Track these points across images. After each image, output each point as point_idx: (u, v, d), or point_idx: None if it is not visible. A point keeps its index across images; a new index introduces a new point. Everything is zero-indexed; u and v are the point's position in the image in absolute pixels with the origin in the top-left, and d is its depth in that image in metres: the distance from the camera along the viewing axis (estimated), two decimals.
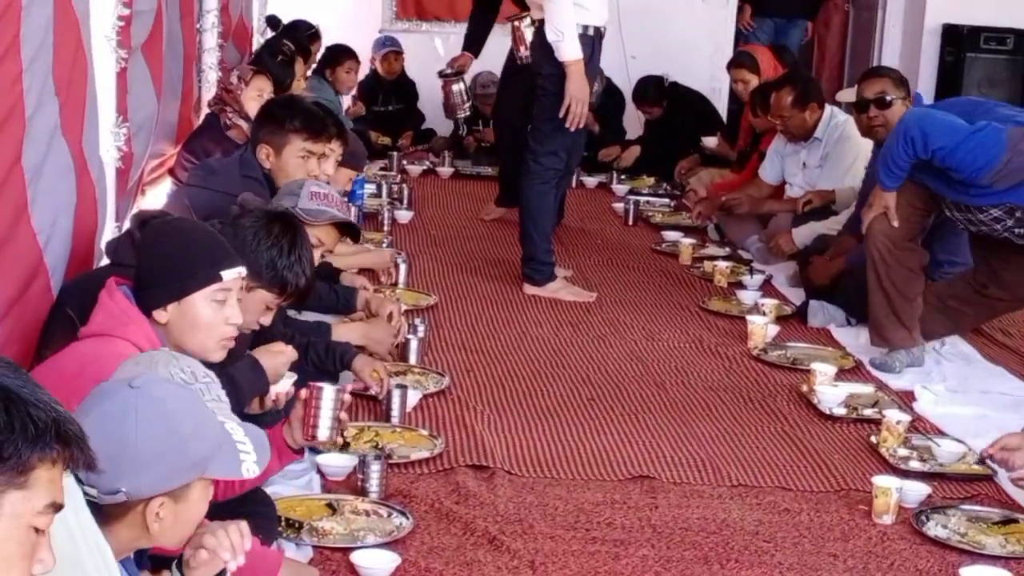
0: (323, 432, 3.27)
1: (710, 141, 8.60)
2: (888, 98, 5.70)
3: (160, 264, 3.01)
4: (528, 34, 6.36)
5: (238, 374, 3.49)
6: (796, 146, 6.97)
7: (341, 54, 9.01)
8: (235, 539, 2.47)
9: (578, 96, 5.97)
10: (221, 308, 3.01)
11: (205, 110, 6.76)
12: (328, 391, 3.26)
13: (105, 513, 2.20)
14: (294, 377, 3.75)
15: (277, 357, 3.70)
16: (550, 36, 5.94)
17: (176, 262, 3.01)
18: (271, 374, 3.64)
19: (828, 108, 6.92)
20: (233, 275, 3.05)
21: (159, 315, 2.97)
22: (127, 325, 2.90)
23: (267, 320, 3.63)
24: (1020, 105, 9.75)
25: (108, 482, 2.20)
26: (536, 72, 6.20)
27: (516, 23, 6.49)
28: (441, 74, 7.64)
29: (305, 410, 3.25)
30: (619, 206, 8.14)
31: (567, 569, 3.53)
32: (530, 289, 6.31)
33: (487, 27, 7.72)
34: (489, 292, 6.31)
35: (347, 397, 3.32)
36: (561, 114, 5.99)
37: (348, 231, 4.48)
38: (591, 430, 4.57)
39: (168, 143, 6.28)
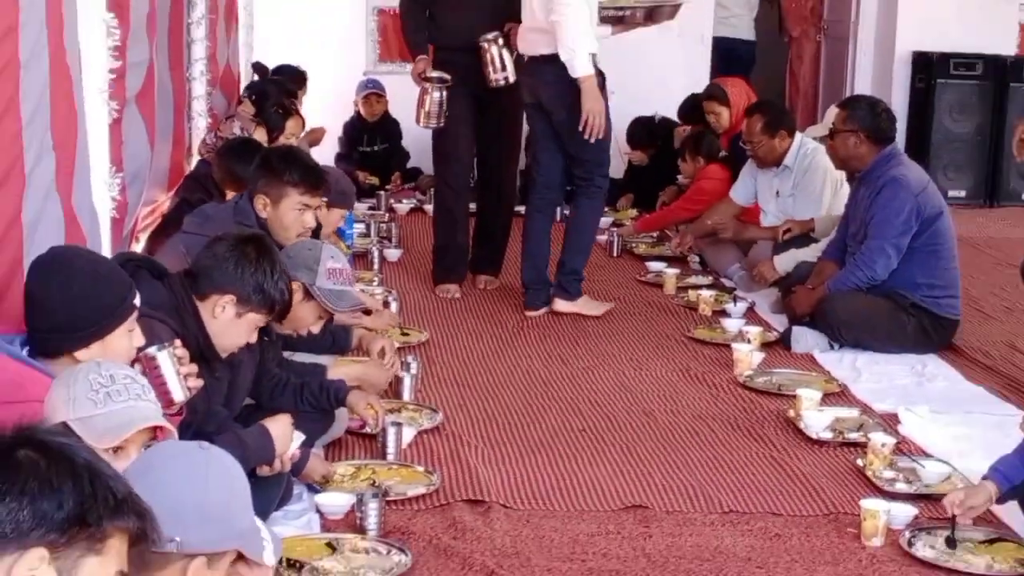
0: (177, 394, 3.16)
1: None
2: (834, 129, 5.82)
3: (77, 305, 2.94)
4: (497, 54, 6.40)
5: (250, 440, 3.56)
6: (768, 172, 7.00)
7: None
8: None
9: (594, 109, 6.15)
10: (131, 336, 3.01)
11: (196, 157, 6.79)
12: (160, 354, 3.12)
13: (146, 561, 2.21)
14: (302, 438, 3.83)
15: (284, 425, 3.75)
16: (563, 55, 6.09)
17: (95, 300, 2.96)
18: (280, 443, 3.69)
19: (798, 136, 6.97)
20: (137, 300, 3.05)
21: (81, 354, 2.92)
22: (23, 386, 2.77)
23: (254, 338, 3.73)
24: (991, 130, 9.92)
25: (166, 530, 2.22)
26: (550, 111, 6.38)
27: (484, 44, 6.43)
28: (424, 76, 6.65)
29: (151, 383, 3.16)
30: (603, 238, 8.15)
31: None
32: (561, 305, 6.51)
33: None
34: (479, 327, 6.31)
35: (180, 351, 3.20)
36: (580, 127, 6.16)
37: None
38: (583, 461, 4.57)
39: (160, 190, 6.30)
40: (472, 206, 7.15)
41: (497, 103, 6.68)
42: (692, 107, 8.67)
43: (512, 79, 6.47)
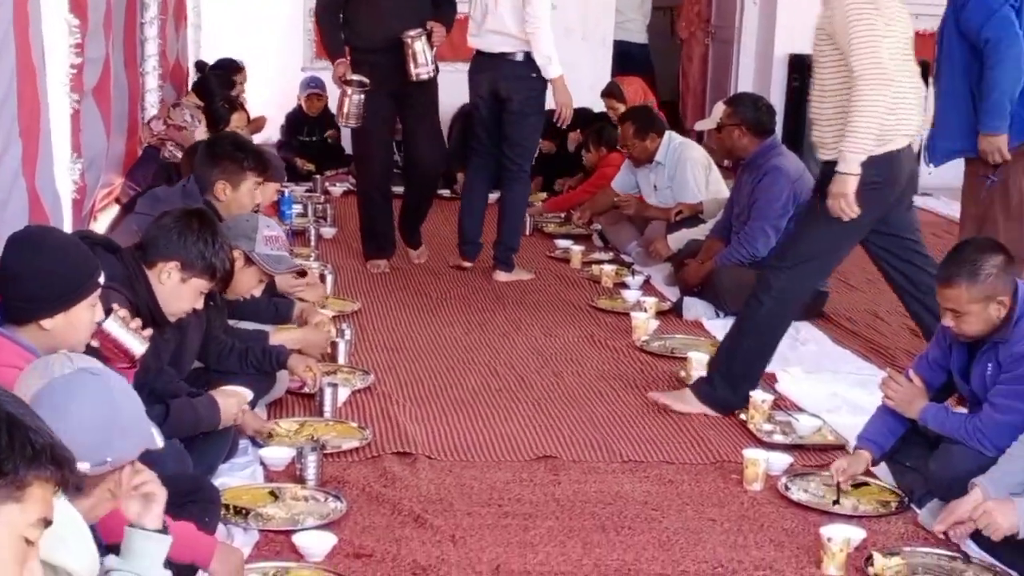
0: (136, 347, 3.12)
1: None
2: (721, 123, 5.87)
3: (48, 277, 2.89)
4: (420, 49, 6.31)
5: (201, 408, 3.65)
6: (644, 169, 7.04)
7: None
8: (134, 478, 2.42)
9: (566, 102, 6.47)
10: (93, 310, 2.97)
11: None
12: (107, 324, 3.05)
13: (83, 486, 2.20)
14: (251, 395, 3.97)
15: (231, 398, 3.82)
16: (539, 60, 6.27)
17: (65, 273, 2.91)
18: (225, 414, 3.74)
19: (667, 134, 7.00)
20: (102, 278, 3.02)
21: (47, 323, 2.87)
22: None
23: (200, 304, 3.70)
24: None
25: (97, 455, 2.23)
26: (507, 99, 6.44)
27: (408, 40, 6.30)
28: (344, 79, 6.42)
29: (109, 347, 3.09)
30: None
31: (483, 541, 3.53)
32: (501, 275, 6.63)
33: None
34: (406, 299, 6.28)
35: (122, 312, 3.14)
36: (556, 118, 6.48)
37: None
38: (500, 417, 4.57)
39: (116, 174, 6.20)
40: (400, 190, 7.07)
41: (413, 97, 6.55)
42: (584, 120, 8.67)
43: (433, 73, 6.40)
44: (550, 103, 6.51)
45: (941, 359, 3.85)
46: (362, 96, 6.42)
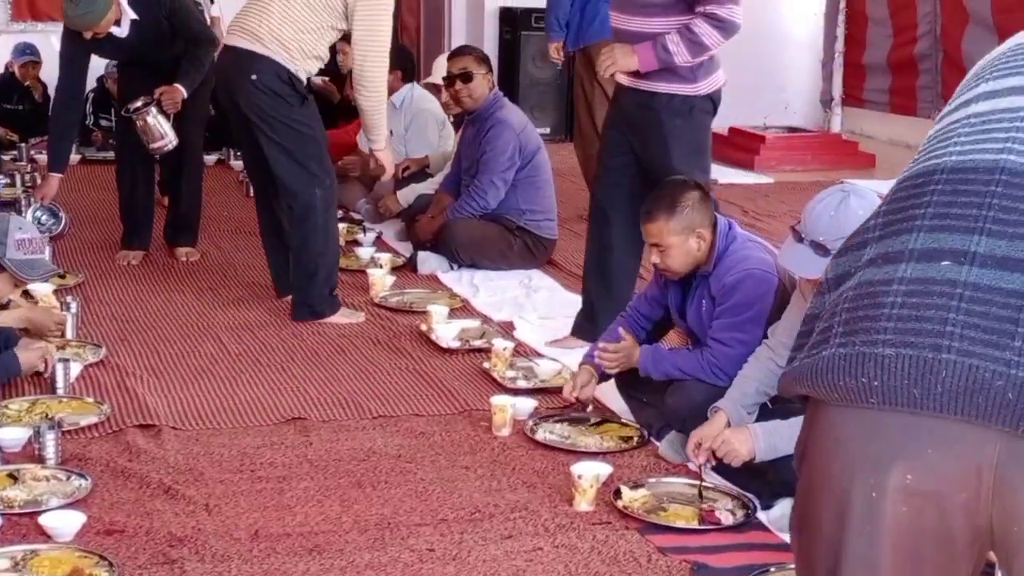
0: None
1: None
2: (471, 72, 5.90)
3: None
4: (152, 122, 5.66)
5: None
6: None
7: None
8: None
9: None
10: None
11: None
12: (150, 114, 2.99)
13: None
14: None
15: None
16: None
17: None
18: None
19: (410, 84, 7.03)
20: None
21: None
22: None
23: None
24: (567, 74, 10.22)
25: None
26: None
27: (138, 117, 5.66)
28: (127, 111, 5.75)
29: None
30: (241, 179, 8.00)
31: (239, 507, 3.49)
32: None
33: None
34: (130, 267, 6.08)
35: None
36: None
37: None
38: (243, 382, 4.51)
39: None
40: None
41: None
42: None
43: (175, 144, 5.74)
44: None
45: (659, 296, 4.08)
46: (152, 116, 5.69)
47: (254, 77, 4.95)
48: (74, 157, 8.44)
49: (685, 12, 4.35)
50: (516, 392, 4.36)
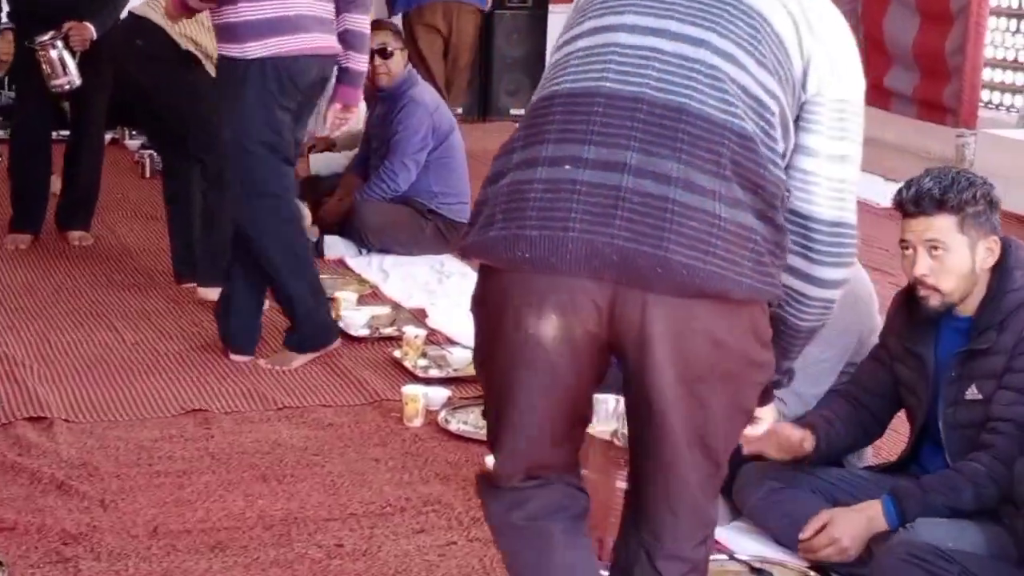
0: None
1: None
2: (389, 49, 5.88)
3: None
4: (57, 57, 5.46)
5: None
6: None
7: None
8: None
9: None
10: None
11: None
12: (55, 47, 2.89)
13: None
14: None
15: None
16: None
17: None
18: None
19: None
20: None
21: None
22: None
23: None
24: (484, 55, 10.18)
25: None
26: None
27: (42, 49, 5.44)
28: (31, 42, 5.50)
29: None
30: (135, 159, 7.88)
31: (136, 503, 3.43)
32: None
33: None
34: (17, 254, 5.92)
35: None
36: None
37: None
38: (141, 372, 4.44)
39: None
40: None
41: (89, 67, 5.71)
42: None
43: (78, 83, 5.54)
44: None
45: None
46: (59, 51, 5.46)
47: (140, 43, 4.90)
48: None
49: None
50: (428, 381, 4.34)
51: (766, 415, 2.41)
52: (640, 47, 2.10)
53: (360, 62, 4.66)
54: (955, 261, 2.92)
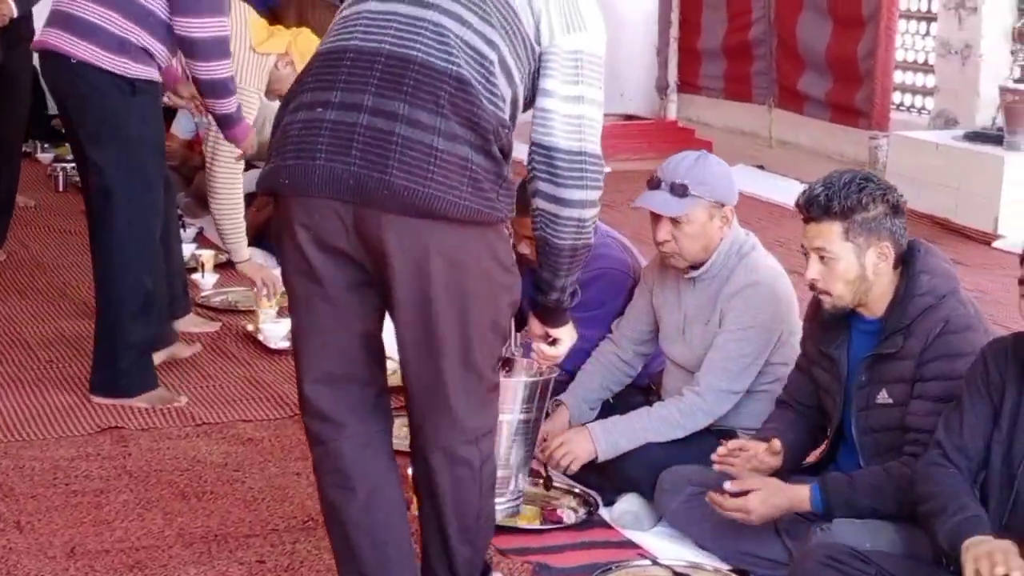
0: None
1: None
2: None
3: None
4: None
5: None
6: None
7: None
8: None
9: None
10: None
11: None
12: None
13: None
14: None
15: None
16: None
17: None
18: None
19: None
20: None
21: None
22: None
23: None
24: None
25: None
26: None
27: None
28: None
29: None
30: (48, 173, 7.78)
31: (53, 524, 3.39)
32: None
33: None
34: None
35: None
36: None
37: None
38: (55, 390, 4.39)
39: None
40: None
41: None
42: None
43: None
44: None
45: None
46: None
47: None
48: None
49: None
50: None
51: (564, 335, 2.82)
52: (384, 12, 2.52)
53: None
54: (842, 268, 2.95)
